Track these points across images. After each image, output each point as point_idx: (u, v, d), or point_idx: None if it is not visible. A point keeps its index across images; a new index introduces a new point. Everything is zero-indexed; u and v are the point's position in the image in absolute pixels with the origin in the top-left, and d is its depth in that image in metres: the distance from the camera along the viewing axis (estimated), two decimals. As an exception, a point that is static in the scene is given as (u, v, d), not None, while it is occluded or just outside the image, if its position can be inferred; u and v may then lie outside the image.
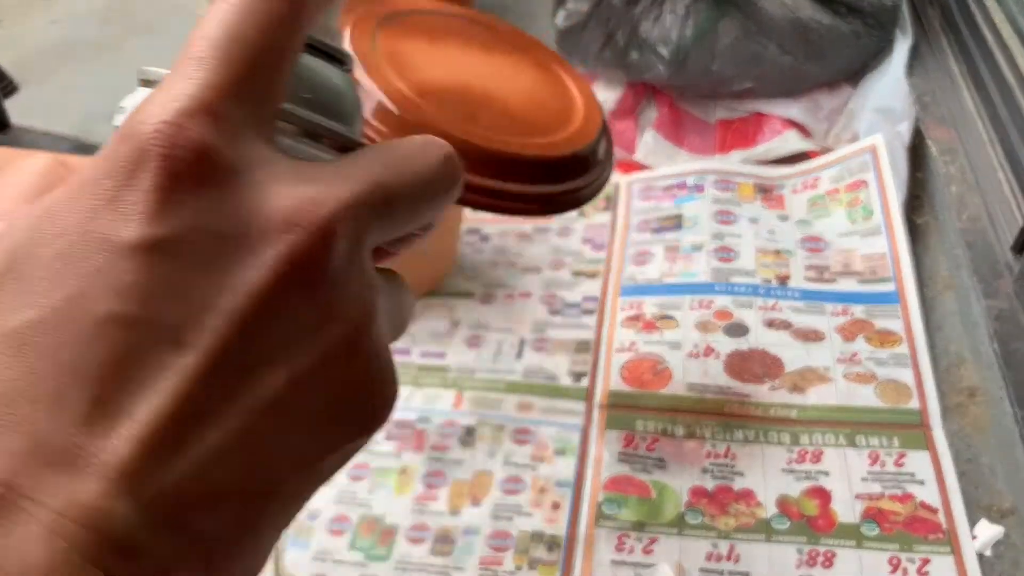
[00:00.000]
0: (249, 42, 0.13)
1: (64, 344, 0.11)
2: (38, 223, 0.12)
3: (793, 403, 0.45)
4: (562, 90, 0.34)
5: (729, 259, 0.53)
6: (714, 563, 0.38)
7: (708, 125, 0.64)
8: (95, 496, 0.10)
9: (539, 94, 0.33)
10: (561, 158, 0.30)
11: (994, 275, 0.48)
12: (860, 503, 0.40)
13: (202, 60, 0.13)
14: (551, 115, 0.32)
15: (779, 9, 0.58)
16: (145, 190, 0.12)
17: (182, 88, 0.12)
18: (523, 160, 0.28)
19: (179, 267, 0.12)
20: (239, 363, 0.12)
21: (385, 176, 0.14)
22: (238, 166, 0.12)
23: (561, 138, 0.31)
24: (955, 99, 0.59)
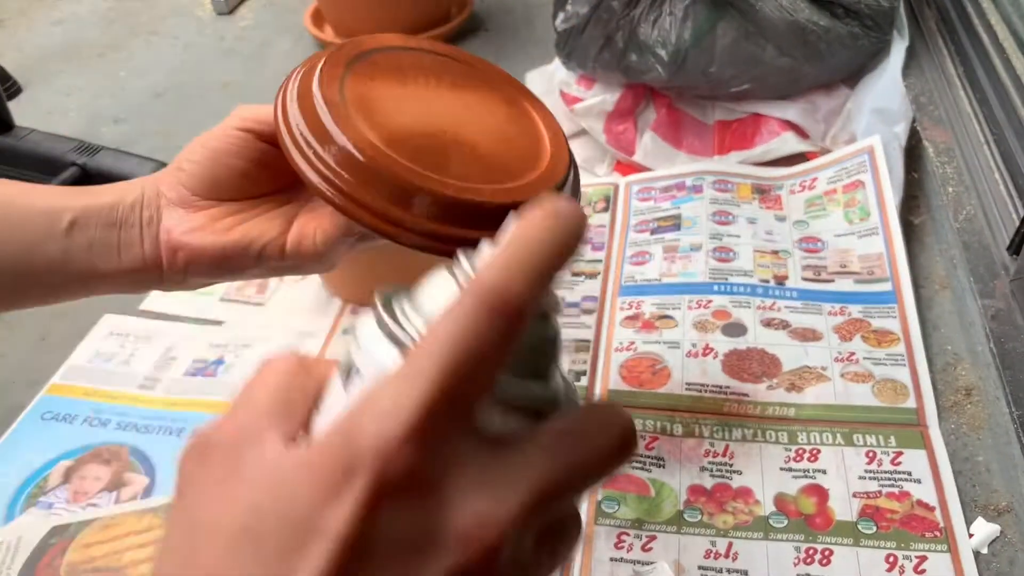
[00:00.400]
0: (470, 363, 0.14)
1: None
2: (272, 492, 0.15)
3: (791, 402, 0.45)
4: (530, 127, 0.33)
5: (727, 259, 0.53)
6: (712, 560, 0.39)
7: (706, 126, 0.65)
8: None
9: (508, 132, 0.32)
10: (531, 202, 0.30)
11: (990, 275, 0.48)
12: (857, 501, 0.40)
13: (423, 376, 0.14)
14: (520, 156, 0.31)
15: (777, 11, 0.58)
16: (355, 498, 0.14)
17: (402, 407, 0.14)
18: (495, 208, 0.28)
19: (369, 568, 0.14)
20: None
21: (559, 472, 0.16)
22: (436, 480, 0.15)
23: (530, 180, 0.30)
24: (951, 100, 0.60)
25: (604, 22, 0.62)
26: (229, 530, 0.15)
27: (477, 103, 0.33)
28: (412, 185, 0.27)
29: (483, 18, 0.92)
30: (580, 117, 0.66)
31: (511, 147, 0.31)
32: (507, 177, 0.30)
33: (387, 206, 0.28)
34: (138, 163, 0.67)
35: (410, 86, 0.32)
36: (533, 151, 0.32)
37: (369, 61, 0.32)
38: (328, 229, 0.30)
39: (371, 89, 0.31)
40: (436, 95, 0.32)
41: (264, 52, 0.91)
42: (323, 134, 0.28)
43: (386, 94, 0.31)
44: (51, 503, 0.44)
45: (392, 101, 0.31)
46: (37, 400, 0.50)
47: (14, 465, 0.46)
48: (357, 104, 0.29)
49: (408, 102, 0.31)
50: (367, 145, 0.28)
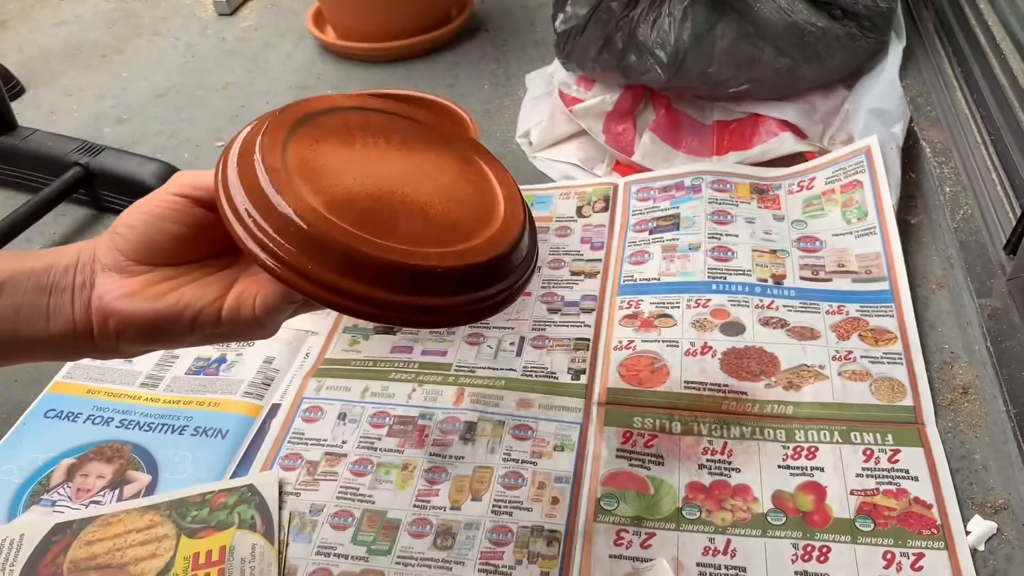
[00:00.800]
0: None
1: None
2: None
3: (789, 400, 0.45)
4: (483, 184, 0.32)
5: (726, 258, 0.54)
6: (711, 557, 0.39)
7: (705, 127, 0.65)
8: None
9: (460, 191, 0.31)
10: (482, 264, 0.28)
11: (987, 274, 0.48)
12: (855, 499, 0.40)
13: None
14: (473, 215, 0.30)
15: (775, 12, 0.59)
16: None
17: None
18: (443, 272, 0.27)
19: None
20: None
21: None
22: None
23: (482, 241, 0.29)
24: (948, 101, 0.60)
25: (603, 23, 0.62)
26: None
27: (427, 162, 0.32)
28: (356, 252, 0.26)
29: (483, 19, 0.92)
30: (579, 117, 0.66)
31: (463, 207, 0.30)
32: (457, 238, 0.29)
33: (330, 275, 0.27)
34: (140, 163, 0.68)
35: (357, 147, 0.31)
36: (486, 210, 0.31)
37: (314, 123, 0.31)
38: (268, 296, 0.29)
39: (316, 153, 0.30)
40: (384, 156, 0.31)
41: (265, 53, 0.92)
42: (263, 202, 0.27)
43: (331, 157, 0.30)
44: (54, 501, 0.44)
45: (338, 164, 0.30)
46: (40, 398, 0.50)
47: (17, 463, 0.46)
48: (299, 169, 0.28)
49: (354, 164, 0.30)
50: (308, 212, 0.27)
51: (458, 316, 0.28)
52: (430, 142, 0.33)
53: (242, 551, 0.41)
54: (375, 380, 0.50)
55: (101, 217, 0.69)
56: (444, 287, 0.28)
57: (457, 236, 0.29)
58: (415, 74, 0.84)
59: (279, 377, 0.51)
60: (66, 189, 0.66)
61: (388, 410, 0.48)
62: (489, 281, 0.29)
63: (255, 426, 0.48)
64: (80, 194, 0.68)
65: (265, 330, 0.31)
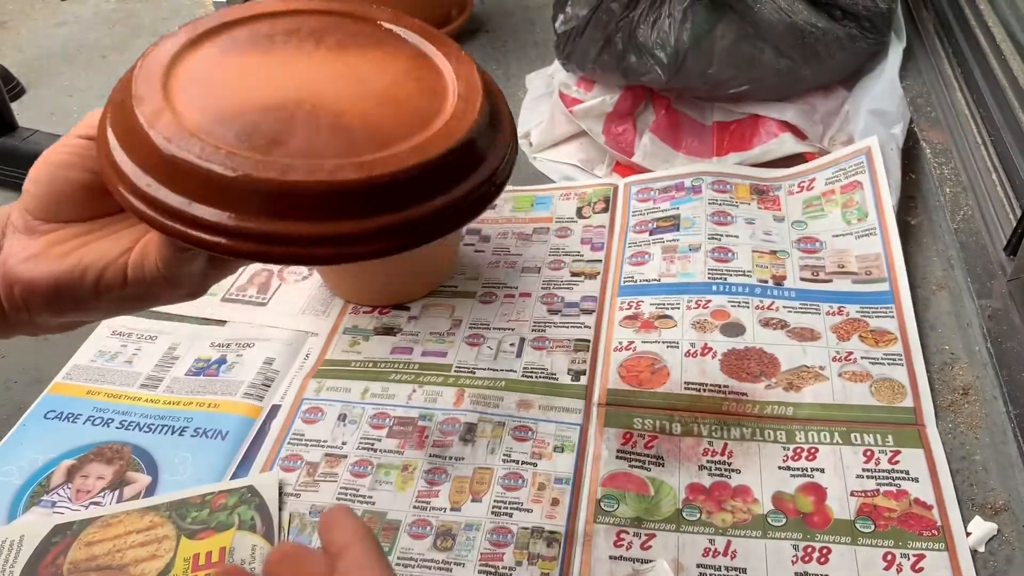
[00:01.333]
0: None
1: None
2: None
3: (789, 401, 0.45)
4: (435, 82, 0.27)
5: (726, 259, 0.54)
6: (711, 559, 0.39)
7: (705, 128, 0.65)
8: None
9: (399, 93, 0.26)
10: (391, 178, 0.23)
11: (987, 275, 0.48)
12: (855, 500, 0.40)
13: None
14: (406, 119, 0.25)
15: (775, 13, 0.59)
16: None
17: None
18: (343, 187, 0.22)
19: None
20: None
21: None
22: None
23: (407, 149, 0.24)
24: (948, 102, 0.60)
25: (603, 24, 0.62)
26: None
27: (364, 63, 0.27)
28: (218, 176, 0.22)
29: (483, 20, 0.92)
30: (580, 118, 0.66)
31: (397, 110, 0.25)
32: (376, 147, 0.24)
33: (197, 207, 0.22)
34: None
35: (275, 54, 0.27)
36: (427, 112, 0.26)
37: (228, 34, 0.28)
38: (161, 245, 0.25)
39: (216, 66, 0.26)
40: (307, 61, 0.27)
41: (265, 54, 0.92)
42: (127, 128, 0.23)
43: (234, 69, 0.26)
44: (54, 502, 0.44)
45: (237, 76, 0.26)
46: (40, 399, 0.50)
47: (17, 464, 0.46)
48: (186, 87, 0.24)
49: (259, 74, 0.26)
50: (169, 131, 0.23)
51: (376, 245, 0.23)
52: (378, 41, 0.29)
53: (242, 552, 0.41)
54: (375, 381, 0.50)
55: (101, 218, 0.69)
56: (353, 205, 0.23)
57: (376, 143, 0.24)
58: (415, 75, 0.84)
59: (279, 378, 0.51)
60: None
61: (388, 411, 0.48)
62: (414, 197, 0.24)
63: (255, 427, 0.48)
64: (80, 195, 0.68)
65: (179, 288, 0.26)
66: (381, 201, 0.23)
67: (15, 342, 0.57)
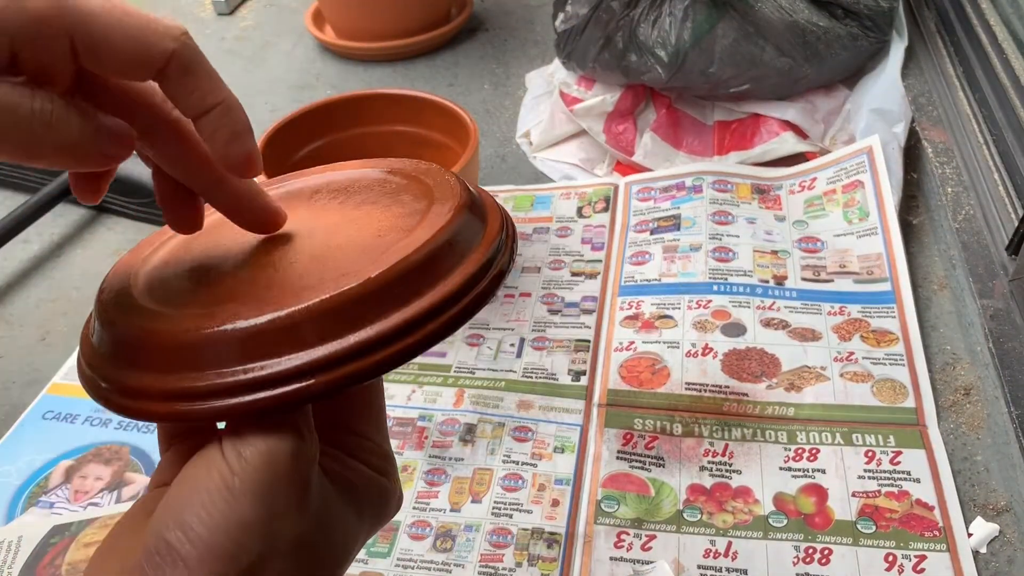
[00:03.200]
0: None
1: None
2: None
3: (790, 402, 0.45)
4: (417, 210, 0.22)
5: (727, 259, 0.54)
6: (712, 560, 0.39)
7: (706, 127, 0.65)
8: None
9: (367, 231, 0.22)
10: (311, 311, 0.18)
11: (989, 275, 0.48)
12: (856, 500, 0.40)
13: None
14: (356, 253, 0.21)
15: (776, 12, 0.59)
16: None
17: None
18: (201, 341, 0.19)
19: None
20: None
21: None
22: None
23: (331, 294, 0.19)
24: (950, 100, 0.60)
25: (604, 23, 0.62)
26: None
27: (362, 215, 0.24)
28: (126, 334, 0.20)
29: (483, 19, 0.92)
30: (580, 117, 0.66)
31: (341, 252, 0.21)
32: (314, 287, 0.19)
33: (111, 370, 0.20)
34: (139, 162, 0.67)
35: (292, 209, 0.25)
36: (375, 247, 0.21)
37: (282, 185, 0.27)
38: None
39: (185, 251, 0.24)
40: (305, 214, 0.25)
41: (264, 53, 0.92)
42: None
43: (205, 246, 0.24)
44: (52, 502, 0.44)
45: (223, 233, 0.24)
46: (38, 400, 0.50)
47: (15, 464, 0.46)
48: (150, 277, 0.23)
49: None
50: (102, 307, 0.22)
51: (224, 406, 0.19)
52: (397, 197, 0.24)
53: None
54: (375, 381, 0.50)
55: (100, 217, 0.68)
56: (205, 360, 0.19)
57: (313, 285, 0.20)
58: (414, 74, 0.83)
59: (278, 378, 0.51)
60: (65, 189, 0.65)
61: (387, 411, 0.48)
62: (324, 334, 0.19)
63: (254, 427, 0.48)
64: (79, 194, 0.68)
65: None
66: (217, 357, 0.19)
67: (13, 343, 0.57)
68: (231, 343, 0.19)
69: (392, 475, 0.24)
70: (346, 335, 0.19)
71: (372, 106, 0.58)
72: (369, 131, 0.59)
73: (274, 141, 0.54)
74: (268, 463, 0.19)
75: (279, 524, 0.19)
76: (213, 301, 0.20)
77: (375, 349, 0.19)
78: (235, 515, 0.18)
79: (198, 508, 0.18)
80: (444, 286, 0.20)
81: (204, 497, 0.18)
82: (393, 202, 0.24)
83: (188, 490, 0.19)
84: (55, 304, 0.60)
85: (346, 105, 0.57)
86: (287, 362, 0.18)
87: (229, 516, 0.18)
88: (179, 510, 0.19)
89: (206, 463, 0.19)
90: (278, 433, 0.19)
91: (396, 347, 0.19)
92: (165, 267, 0.24)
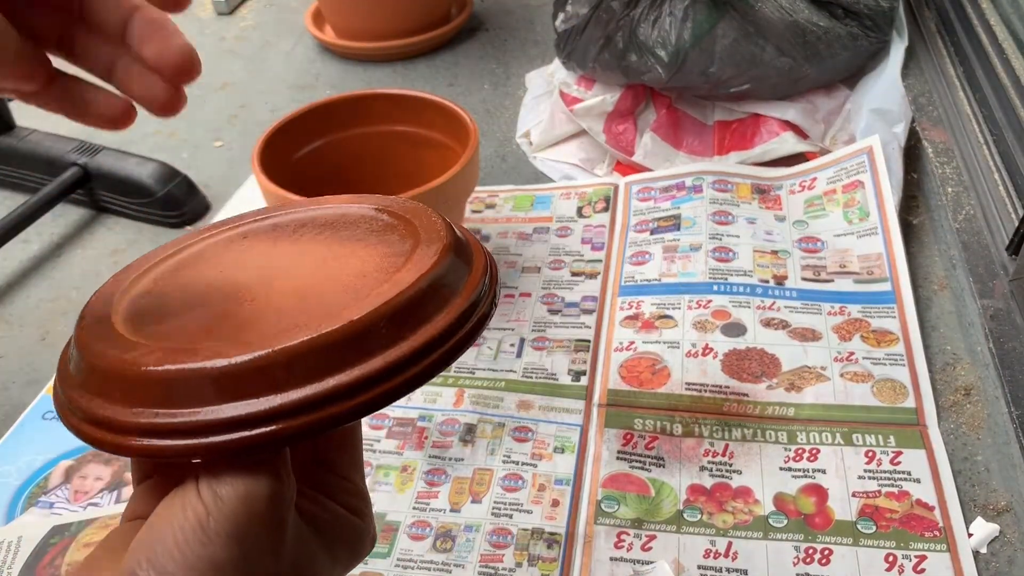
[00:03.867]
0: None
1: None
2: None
3: (790, 402, 0.45)
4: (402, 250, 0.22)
5: (727, 259, 0.54)
6: (712, 560, 0.39)
7: (706, 127, 0.65)
8: None
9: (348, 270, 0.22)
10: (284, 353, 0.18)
11: (989, 275, 0.48)
12: (856, 501, 0.40)
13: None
14: (341, 290, 0.21)
15: (776, 12, 0.59)
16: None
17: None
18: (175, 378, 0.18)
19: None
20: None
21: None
22: None
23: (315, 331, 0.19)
24: (950, 101, 0.60)
25: (604, 22, 0.62)
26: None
27: (346, 253, 0.23)
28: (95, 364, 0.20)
29: (483, 18, 0.92)
30: (580, 117, 0.66)
31: (320, 292, 0.21)
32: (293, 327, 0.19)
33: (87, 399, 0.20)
34: (138, 163, 0.67)
35: (266, 244, 0.25)
36: (349, 291, 0.20)
37: (270, 220, 0.26)
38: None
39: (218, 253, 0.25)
40: (289, 250, 0.25)
41: (264, 53, 0.92)
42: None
43: (224, 257, 0.25)
44: (52, 503, 0.44)
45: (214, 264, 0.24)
46: (38, 400, 0.50)
47: (15, 464, 0.46)
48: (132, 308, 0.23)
49: (229, 260, 0.24)
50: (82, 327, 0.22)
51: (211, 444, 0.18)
52: (383, 236, 0.24)
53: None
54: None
55: (100, 218, 0.68)
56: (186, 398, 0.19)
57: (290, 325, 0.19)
58: (414, 74, 0.83)
59: (278, 378, 0.51)
60: (64, 189, 0.65)
61: (387, 411, 0.48)
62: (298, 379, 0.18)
63: (254, 428, 0.48)
64: (78, 194, 0.68)
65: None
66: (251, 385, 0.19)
67: (13, 342, 0.57)
68: (207, 381, 0.18)
69: (367, 515, 0.23)
70: (325, 378, 0.18)
71: (372, 106, 0.58)
72: (369, 131, 0.59)
73: (274, 141, 0.54)
74: (244, 504, 0.18)
75: (253, 566, 0.19)
76: (191, 336, 0.20)
77: (355, 393, 0.19)
78: (208, 555, 0.18)
79: (171, 547, 0.18)
80: (426, 331, 0.20)
81: (179, 536, 0.18)
82: (379, 241, 0.23)
83: (162, 528, 0.19)
84: (55, 304, 0.60)
85: (346, 105, 0.57)
86: (265, 403, 0.18)
87: (202, 556, 0.18)
88: (152, 548, 0.18)
89: (181, 502, 0.19)
90: (256, 474, 0.19)
91: (376, 391, 0.19)
92: (147, 296, 0.23)
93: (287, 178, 0.51)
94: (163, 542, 0.18)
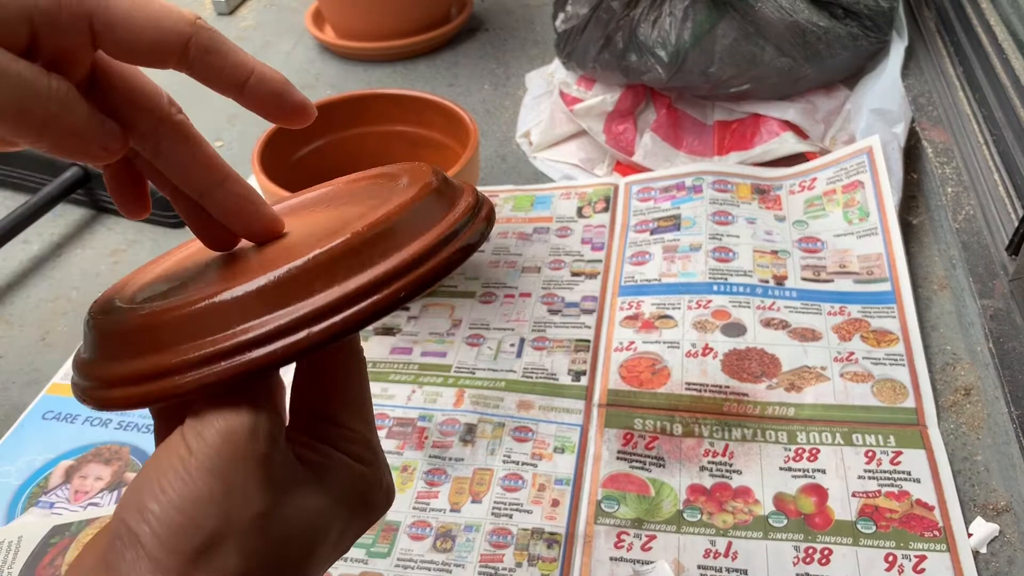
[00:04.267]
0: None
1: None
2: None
3: (790, 402, 0.45)
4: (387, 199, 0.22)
5: (727, 259, 0.54)
6: (712, 560, 0.39)
7: (706, 127, 0.65)
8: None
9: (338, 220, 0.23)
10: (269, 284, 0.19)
11: (989, 275, 0.48)
12: (856, 501, 0.40)
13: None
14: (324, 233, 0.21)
15: (776, 12, 0.59)
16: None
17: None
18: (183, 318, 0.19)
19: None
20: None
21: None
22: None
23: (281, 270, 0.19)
24: (950, 101, 0.60)
25: (604, 22, 0.62)
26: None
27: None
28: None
29: (483, 18, 0.92)
30: (580, 117, 0.66)
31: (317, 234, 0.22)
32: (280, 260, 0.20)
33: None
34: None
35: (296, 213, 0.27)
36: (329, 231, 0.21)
37: (306, 196, 0.29)
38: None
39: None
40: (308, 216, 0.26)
41: (265, 53, 0.92)
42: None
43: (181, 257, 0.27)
44: (52, 503, 0.44)
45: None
46: (38, 400, 0.50)
47: (15, 465, 0.46)
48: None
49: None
50: (100, 303, 0.23)
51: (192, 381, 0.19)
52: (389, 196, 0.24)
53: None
54: (374, 381, 0.50)
55: (99, 218, 0.68)
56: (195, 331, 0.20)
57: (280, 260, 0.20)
58: (414, 74, 0.83)
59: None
60: (64, 190, 0.65)
61: (387, 412, 0.48)
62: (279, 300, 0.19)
63: (254, 428, 0.48)
64: (78, 195, 0.68)
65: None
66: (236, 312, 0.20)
67: (13, 342, 0.57)
68: (187, 321, 0.19)
69: (375, 464, 0.23)
70: (294, 303, 0.19)
71: (372, 106, 0.58)
72: (369, 131, 0.59)
73: (274, 141, 0.54)
74: (225, 440, 0.19)
75: (237, 500, 0.19)
76: (187, 294, 0.21)
77: (324, 316, 0.19)
78: (190, 492, 0.18)
79: (155, 489, 0.18)
80: (400, 255, 0.20)
81: (162, 478, 0.19)
82: (370, 196, 0.25)
83: (147, 473, 0.19)
84: (55, 304, 0.60)
85: (346, 105, 0.57)
86: (242, 334, 0.19)
87: (184, 494, 0.18)
88: (138, 493, 0.19)
89: (167, 446, 0.19)
90: (235, 410, 0.19)
91: (345, 314, 0.19)
92: (154, 281, 0.24)
93: (287, 178, 0.51)
94: (148, 486, 0.19)
